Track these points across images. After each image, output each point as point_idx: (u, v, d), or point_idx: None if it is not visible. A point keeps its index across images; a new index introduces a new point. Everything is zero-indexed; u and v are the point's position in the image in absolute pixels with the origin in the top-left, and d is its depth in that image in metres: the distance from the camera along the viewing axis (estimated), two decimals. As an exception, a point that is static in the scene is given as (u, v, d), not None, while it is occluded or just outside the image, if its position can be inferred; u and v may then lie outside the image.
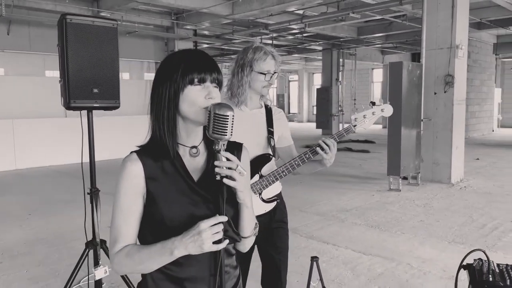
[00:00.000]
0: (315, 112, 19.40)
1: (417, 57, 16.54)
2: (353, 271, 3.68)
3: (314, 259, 2.67)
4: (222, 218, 1.10)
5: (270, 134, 2.12)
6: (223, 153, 1.11)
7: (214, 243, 1.08)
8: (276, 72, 2.08)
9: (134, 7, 10.76)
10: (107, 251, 2.67)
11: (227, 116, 1.09)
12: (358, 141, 13.69)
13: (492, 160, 10.22)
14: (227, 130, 1.09)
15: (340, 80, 18.13)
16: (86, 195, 2.68)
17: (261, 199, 2.08)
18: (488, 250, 4.12)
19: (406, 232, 4.76)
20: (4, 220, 5.36)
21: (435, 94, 7.53)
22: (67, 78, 2.42)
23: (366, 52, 19.12)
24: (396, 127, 6.89)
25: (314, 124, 18.36)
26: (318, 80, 24.54)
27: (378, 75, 23.66)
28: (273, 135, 2.13)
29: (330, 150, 1.93)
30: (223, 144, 1.12)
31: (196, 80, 1.16)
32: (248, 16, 10.98)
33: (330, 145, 1.93)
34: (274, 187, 2.11)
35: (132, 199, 1.18)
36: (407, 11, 10.69)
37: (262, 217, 2.09)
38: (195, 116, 1.17)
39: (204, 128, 1.22)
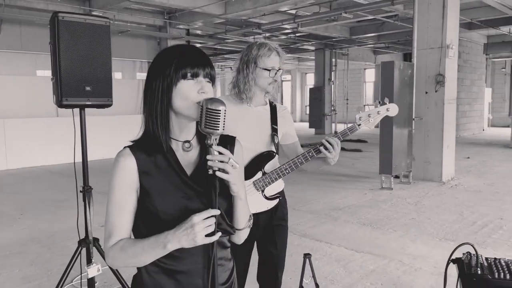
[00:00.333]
0: (308, 112, 19.46)
1: (409, 57, 16.57)
2: (345, 268, 3.72)
3: (307, 256, 2.68)
4: (214, 212, 1.11)
5: (274, 131, 2.11)
6: (215, 147, 1.13)
7: (207, 236, 1.09)
8: (280, 69, 2.07)
9: (127, 6, 10.72)
10: (100, 249, 2.67)
11: (219, 110, 1.10)
12: (350, 140, 13.74)
13: (482, 158, 10.33)
14: (219, 124, 1.10)
15: (332, 80, 18.22)
16: (79, 193, 2.67)
17: (264, 196, 2.07)
18: (478, 247, 4.15)
19: (397, 229, 4.81)
20: (-4, 220, 5.33)
21: (426, 93, 7.60)
22: (59, 76, 2.41)
23: (359, 52, 19.22)
24: (388, 126, 6.93)
25: (307, 124, 18.43)
26: (311, 80, 24.63)
27: (371, 75, 23.79)
28: (277, 132, 2.12)
29: (334, 149, 1.92)
30: (216, 139, 1.13)
31: (189, 75, 1.17)
32: (241, 15, 10.99)
33: (334, 144, 1.92)
34: (276, 185, 2.11)
35: (125, 193, 1.19)
36: (399, 11, 10.78)
37: (264, 214, 2.10)
38: (188, 112, 1.18)
39: (197, 123, 1.23)
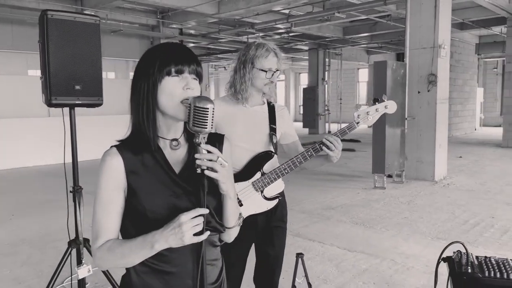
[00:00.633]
0: (302, 111, 19.49)
1: (401, 57, 16.65)
2: (338, 267, 3.72)
3: (299, 255, 2.68)
4: (202, 211, 1.10)
5: (273, 131, 2.09)
6: (204, 145, 1.12)
7: (195, 235, 1.08)
8: (278, 70, 2.05)
9: (119, 5, 10.65)
10: (90, 250, 2.64)
11: (207, 108, 1.09)
12: (344, 140, 13.58)
13: (474, 158, 10.40)
14: (207, 122, 1.09)
15: (326, 79, 18.26)
16: (69, 194, 2.65)
17: (263, 196, 2.05)
18: (469, 245, 4.20)
19: (390, 228, 4.82)
20: (-14, 221, 5.27)
21: (418, 93, 7.63)
22: (48, 75, 2.39)
23: (352, 52, 19.29)
24: (380, 126, 6.94)
25: (301, 124, 18.45)
26: (304, 80, 24.65)
27: (364, 75, 23.89)
28: (275, 132, 2.10)
29: (335, 147, 1.94)
30: (204, 137, 1.12)
31: (173, 71, 1.16)
32: (234, 15, 10.97)
33: (334, 142, 1.94)
34: (277, 185, 2.09)
35: (112, 193, 1.18)
36: (392, 11, 10.83)
37: (262, 215, 2.07)
38: (174, 112, 1.16)
39: (185, 122, 1.21)
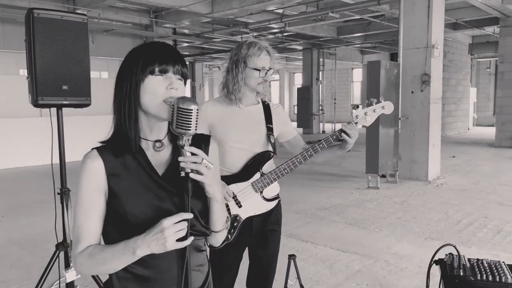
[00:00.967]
0: (296, 111, 19.49)
1: (395, 57, 16.72)
2: (331, 268, 3.69)
3: (292, 257, 2.65)
4: (186, 215, 1.06)
5: (270, 130, 2.06)
6: (187, 148, 1.08)
7: (179, 240, 1.05)
8: (271, 68, 2.02)
9: (112, 4, 10.57)
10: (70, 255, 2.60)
11: (191, 110, 1.05)
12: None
13: (467, 157, 10.43)
14: (191, 124, 1.06)
15: (320, 79, 18.26)
16: (57, 196, 2.60)
17: (262, 197, 2.02)
18: (462, 245, 4.20)
19: (383, 229, 4.81)
20: (-25, 223, 5.20)
21: (412, 93, 7.64)
22: (34, 74, 2.33)
23: (346, 52, 19.31)
24: (374, 126, 6.90)
25: (295, 123, 18.44)
26: (299, 80, 24.67)
27: (358, 74, 23.94)
28: (272, 132, 2.07)
29: (353, 135, 1.92)
30: (188, 139, 1.08)
31: (157, 70, 1.13)
32: (228, 14, 10.93)
33: (352, 129, 1.92)
34: (273, 187, 2.06)
35: (93, 197, 1.14)
36: (385, 11, 10.83)
37: (258, 217, 2.04)
38: (157, 111, 1.13)
39: (169, 123, 1.18)
